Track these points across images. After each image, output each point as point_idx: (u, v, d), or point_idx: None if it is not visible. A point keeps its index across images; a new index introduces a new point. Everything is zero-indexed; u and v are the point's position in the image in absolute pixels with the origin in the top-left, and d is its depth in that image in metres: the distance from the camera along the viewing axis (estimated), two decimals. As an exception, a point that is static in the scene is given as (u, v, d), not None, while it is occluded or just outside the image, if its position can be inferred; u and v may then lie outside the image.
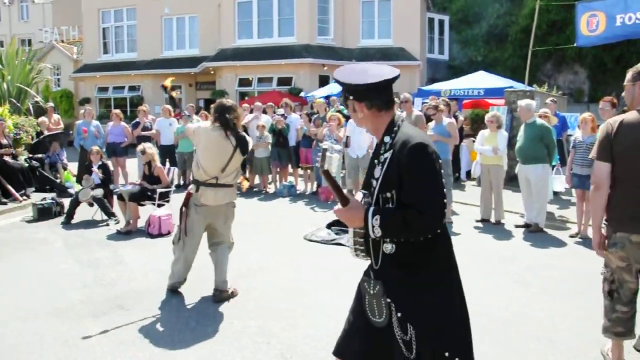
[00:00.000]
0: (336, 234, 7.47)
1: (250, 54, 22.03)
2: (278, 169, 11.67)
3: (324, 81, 21.13)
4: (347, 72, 2.48)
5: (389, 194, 2.32)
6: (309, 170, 11.35)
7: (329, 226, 7.76)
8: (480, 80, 15.17)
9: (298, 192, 11.36)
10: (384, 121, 2.41)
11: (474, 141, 10.32)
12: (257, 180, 12.05)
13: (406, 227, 2.22)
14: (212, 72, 23.92)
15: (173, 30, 25.96)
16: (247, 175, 11.85)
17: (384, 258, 2.38)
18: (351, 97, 2.42)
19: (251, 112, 12.61)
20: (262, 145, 11.19)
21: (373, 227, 2.26)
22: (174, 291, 5.36)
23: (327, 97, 14.78)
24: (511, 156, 9.12)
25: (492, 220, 8.43)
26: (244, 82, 22.90)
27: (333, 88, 17.27)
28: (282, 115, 11.87)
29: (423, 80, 22.56)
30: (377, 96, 2.38)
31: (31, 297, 5.35)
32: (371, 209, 2.31)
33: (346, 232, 7.33)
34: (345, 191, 2.39)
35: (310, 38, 21.79)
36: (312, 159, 10.83)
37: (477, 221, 8.50)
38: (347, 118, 10.79)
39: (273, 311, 4.88)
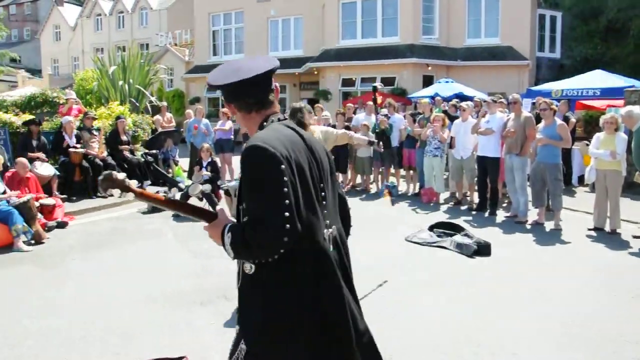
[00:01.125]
0: (438, 236, 7.35)
1: (353, 54, 22.18)
2: (380, 169, 11.65)
3: (428, 81, 20.82)
4: (217, 72, 2.22)
5: (242, 206, 2.05)
6: (411, 171, 11.25)
7: (432, 228, 7.65)
8: (596, 79, 14.25)
9: (400, 192, 11.29)
10: (256, 123, 2.18)
11: (587, 144, 9.75)
12: (358, 179, 12.12)
13: (247, 246, 1.92)
14: (315, 73, 24.33)
15: (278, 31, 26.70)
16: (349, 174, 11.95)
17: (244, 277, 2.11)
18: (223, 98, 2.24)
19: (354, 112, 12.71)
20: (365, 145, 11.23)
21: (225, 245, 1.99)
22: None
23: (432, 98, 14.55)
24: (629, 161, 8.50)
25: (607, 229, 7.91)
26: (347, 82, 23.08)
27: (438, 88, 16.98)
28: (386, 115, 11.85)
29: (532, 80, 21.59)
30: (245, 96, 2.14)
31: (146, 283, 5.75)
32: (228, 225, 2.02)
33: (449, 234, 7.21)
34: (218, 207, 2.21)
35: (415, 37, 21.55)
36: (416, 160, 10.71)
37: (590, 229, 8.01)
38: (452, 119, 10.58)
39: (374, 312, 4.90)
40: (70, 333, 4.46)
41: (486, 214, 9.18)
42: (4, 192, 7.61)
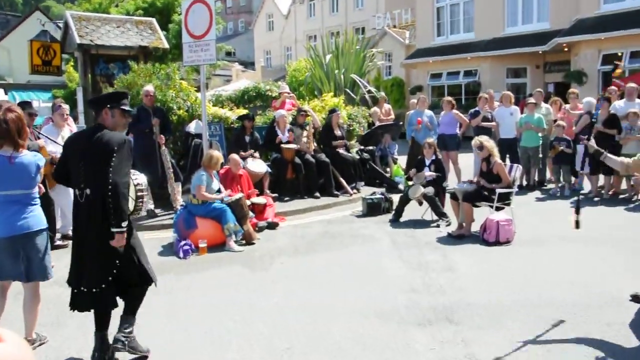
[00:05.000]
0: None
1: (619, 21, 20.24)
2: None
3: None
4: None
5: None
6: None
7: None
8: None
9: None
10: None
11: None
12: (623, 184, 10.92)
13: None
14: (565, 50, 22.85)
15: (518, 2, 25.60)
16: (612, 177, 10.89)
17: None
18: None
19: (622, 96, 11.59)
20: (635, 138, 10.11)
21: None
22: None
23: None
24: None
25: None
26: (610, 59, 21.21)
27: None
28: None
29: None
30: (91, 109, 5.06)
31: (356, 295, 5.92)
32: None
33: None
34: None
35: None
36: None
37: None
38: None
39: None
40: (273, 342, 4.78)
41: None
42: (219, 190, 8.45)
